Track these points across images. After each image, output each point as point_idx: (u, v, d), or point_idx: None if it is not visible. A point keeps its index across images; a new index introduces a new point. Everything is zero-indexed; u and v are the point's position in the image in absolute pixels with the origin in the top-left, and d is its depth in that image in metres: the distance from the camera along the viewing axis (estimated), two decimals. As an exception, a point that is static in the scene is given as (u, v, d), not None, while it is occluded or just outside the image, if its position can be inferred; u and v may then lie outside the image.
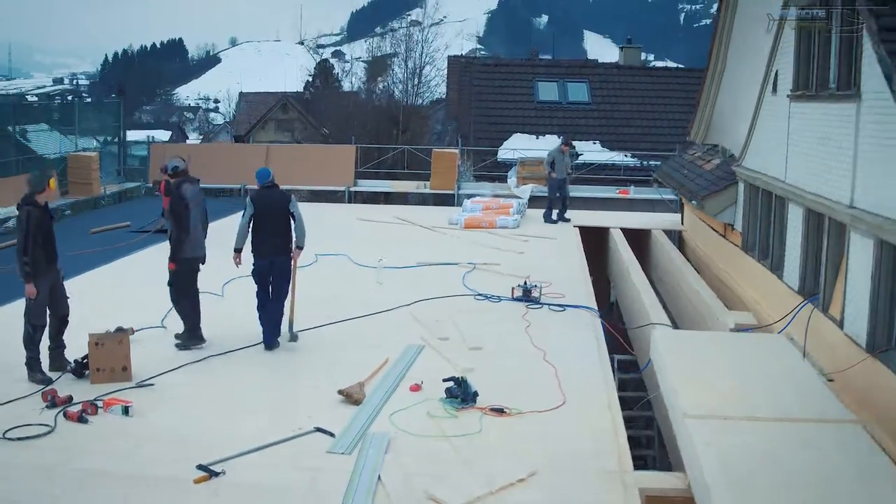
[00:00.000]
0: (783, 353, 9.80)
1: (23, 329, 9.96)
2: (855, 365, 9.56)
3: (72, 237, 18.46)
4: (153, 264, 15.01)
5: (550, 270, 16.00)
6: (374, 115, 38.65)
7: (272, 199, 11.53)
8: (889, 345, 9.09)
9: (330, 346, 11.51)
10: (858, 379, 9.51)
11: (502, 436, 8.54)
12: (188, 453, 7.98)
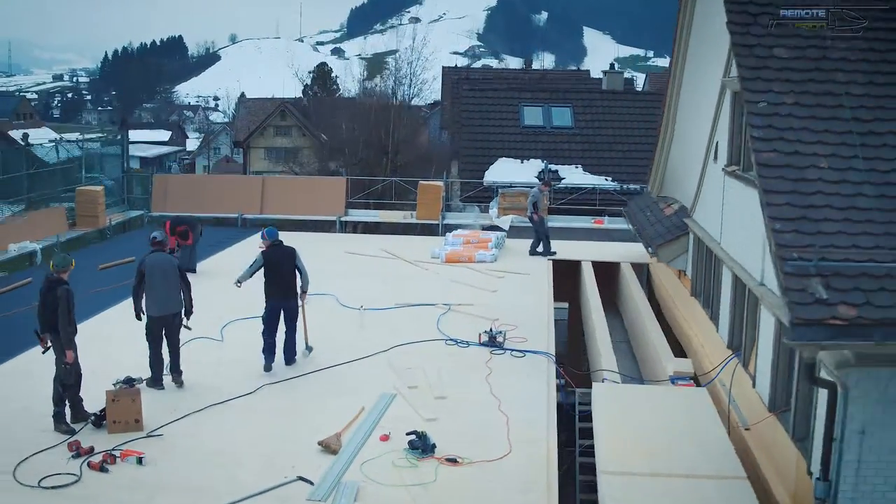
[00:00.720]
0: (701, 409, 11.45)
1: (52, 388, 11.61)
2: (761, 421, 11.26)
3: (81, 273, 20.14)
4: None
5: (518, 311, 17.68)
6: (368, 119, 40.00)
7: (281, 255, 14.08)
8: (787, 406, 10.73)
9: (315, 392, 13.18)
10: (766, 433, 11.21)
11: (454, 483, 10.22)
12: (194, 499, 9.67)
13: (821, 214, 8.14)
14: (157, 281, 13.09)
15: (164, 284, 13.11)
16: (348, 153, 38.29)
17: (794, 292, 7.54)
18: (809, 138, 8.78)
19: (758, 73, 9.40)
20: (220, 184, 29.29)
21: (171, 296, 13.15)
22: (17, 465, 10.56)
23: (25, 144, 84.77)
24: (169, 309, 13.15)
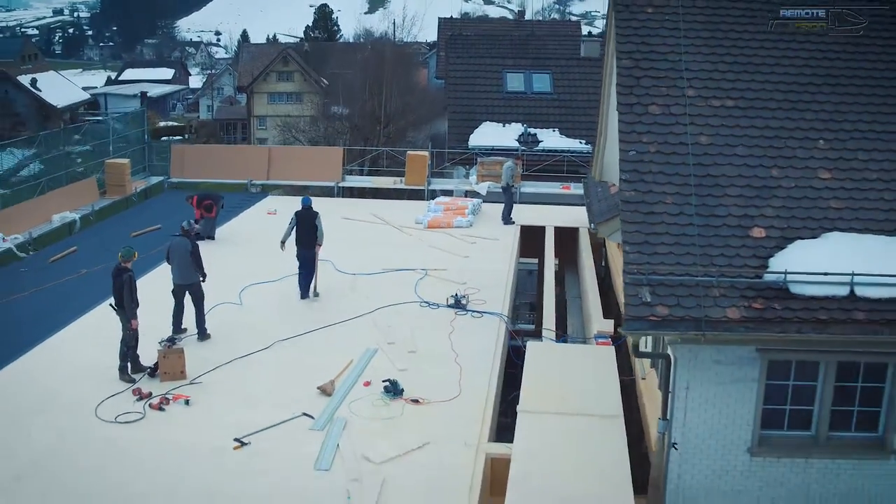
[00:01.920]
0: (605, 364, 15.13)
1: (120, 347, 15.38)
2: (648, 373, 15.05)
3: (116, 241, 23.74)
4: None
5: (483, 275, 21.37)
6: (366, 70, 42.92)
7: (307, 216, 19.63)
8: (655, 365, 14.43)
9: (314, 348, 16.95)
10: (651, 383, 15.00)
11: (416, 417, 14.05)
12: (228, 431, 13.50)
13: (659, 240, 11.66)
14: (175, 259, 17.19)
15: (180, 263, 17.14)
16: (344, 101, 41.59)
17: (629, 296, 11.14)
18: (661, 180, 12.24)
19: (633, 128, 12.84)
20: (231, 153, 32.85)
21: (184, 271, 17.11)
22: (96, 406, 14.41)
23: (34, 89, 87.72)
24: (184, 280, 17.11)
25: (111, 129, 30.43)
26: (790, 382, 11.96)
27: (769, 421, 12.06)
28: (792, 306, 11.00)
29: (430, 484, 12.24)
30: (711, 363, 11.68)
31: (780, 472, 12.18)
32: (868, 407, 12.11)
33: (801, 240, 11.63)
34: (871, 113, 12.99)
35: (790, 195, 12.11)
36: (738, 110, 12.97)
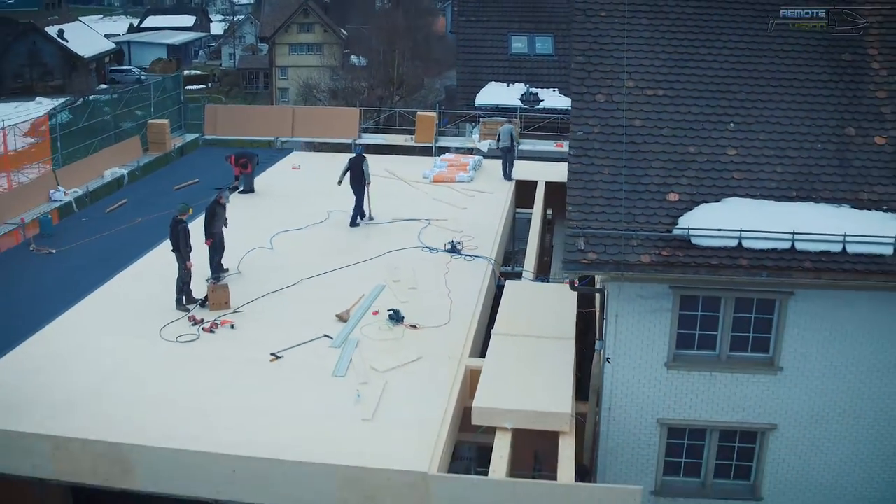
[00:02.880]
0: (568, 300, 18.67)
1: (176, 283, 19.12)
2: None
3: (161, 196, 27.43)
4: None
5: (477, 225, 24.91)
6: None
7: (357, 161, 24.49)
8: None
9: (334, 284, 20.62)
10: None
11: (413, 339, 17.75)
12: (265, 347, 17.26)
13: (595, 202, 15.07)
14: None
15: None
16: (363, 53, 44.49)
17: (568, 245, 14.65)
18: (601, 155, 15.60)
19: (581, 112, 16.16)
20: (259, 113, 36.33)
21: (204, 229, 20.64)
22: (160, 329, 18.20)
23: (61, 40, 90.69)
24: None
25: (151, 92, 33.91)
26: (698, 313, 15.54)
27: (682, 342, 15.67)
28: (692, 254, 14.53)
29: (422, 387, 16.01)
30: (636, 297, 15.27)
31: (690, 383, 15.82)
32: (760, 333, 15.67)
33: (707, 203, 15.11)
34: (774, 102, 16.31)
35: (701, 167, 15.55)
36: (667, 98, 16.35)
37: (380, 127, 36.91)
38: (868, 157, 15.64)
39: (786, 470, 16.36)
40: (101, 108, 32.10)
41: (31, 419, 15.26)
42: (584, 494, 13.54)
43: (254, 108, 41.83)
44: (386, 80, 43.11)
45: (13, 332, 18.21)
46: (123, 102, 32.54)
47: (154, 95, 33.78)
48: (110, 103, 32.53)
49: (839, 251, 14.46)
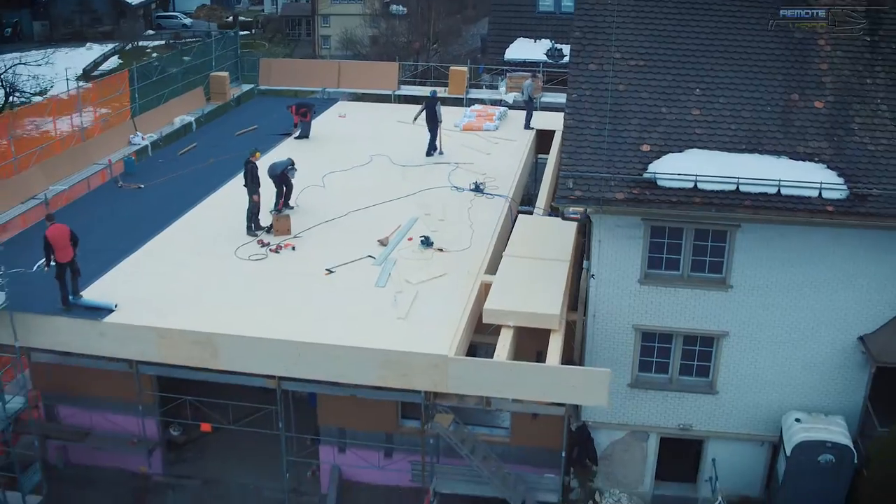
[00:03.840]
0: (568, 230, 22.69)
1: (246, 213, 23.43)
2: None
3: (226, 140, 31.71)
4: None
5: (499, 168, 28.92)
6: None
7: (431, 103, 28.98)
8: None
9: (377, 215, 24.84)
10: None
11: (439, 260, 21.98)
12: (320, 264, 21.61)
13: (583, 151, 18.92)
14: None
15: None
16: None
17: (560, 184, 18.64)
18: (591, 114, 19.43)
19: (576, 78, 19.93)
20: (308, 66, 40.44)
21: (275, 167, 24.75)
22: (235, 250, 22.57)
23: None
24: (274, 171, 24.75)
25: (213, 47, 38.03)
26: (665, 240, 19.52)
27: (652, 263, 19.69)
28: (656, 193, 18.48)
29: (445, 295, 20.31)
30: (614, 226, 19.32)
31: (658, 297, 19.88)
32: (715, 258, 19.63)
33: (672, 153, 19.02)
34: (734, 71, 20.03)
35: (670, 124, 19.43)
36: (646, 68, 20.17)
37: (416, 79, 40.76)
38: (807, 118, 19.41)
39: (736, 369, 20.43)
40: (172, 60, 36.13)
41: (140, 316, 19.74)
42: (565, 374, 17.80)
43: (303, 61, 45.82)
44: (423, 35, 46.77)
45: (116, 252, 22.66)
46: (190, 57, 36.61)
47: (215, 50, 37.86)
48: (177, 58, 36.57)
49: (774, 193, 18.34)
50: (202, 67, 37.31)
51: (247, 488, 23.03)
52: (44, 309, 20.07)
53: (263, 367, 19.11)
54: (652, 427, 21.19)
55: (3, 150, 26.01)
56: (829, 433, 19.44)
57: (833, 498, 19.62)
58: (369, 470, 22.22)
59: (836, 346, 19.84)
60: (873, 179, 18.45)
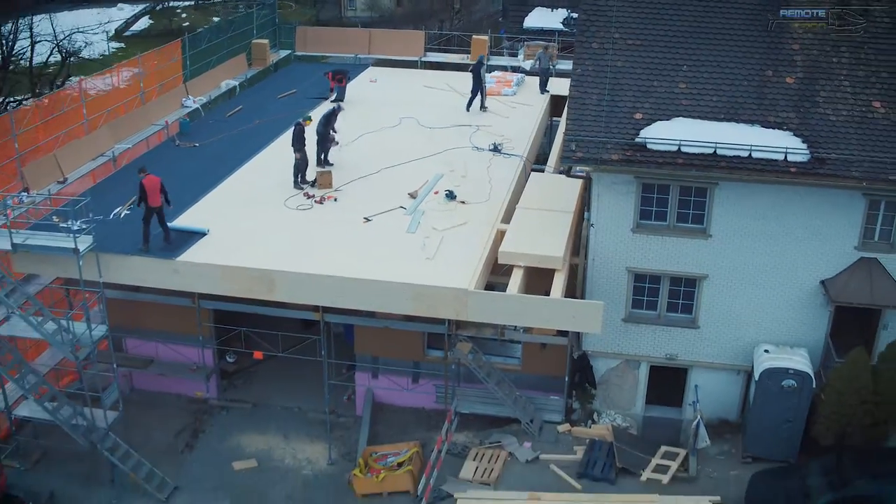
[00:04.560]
0: (574, 186, 26.04)
1: (293, 169, 26.89)
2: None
3: (266, 101, 35.09)
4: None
5: (515, 130, 32.20)
6: None
7: (477, 67, 33.46)
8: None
9: (407, 171, 28.24)
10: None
11: (461, 210, 25.43)
12: (360, 213, 25.14)
13: (585, 118, 22.17)
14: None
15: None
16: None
17: (564, 146, 21.92)
18: (593, 86, 22.63)
19: (581, 56, 23.18)
20: (341, 33, 43.66)
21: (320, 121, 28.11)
22: (284, 201, 26.08)
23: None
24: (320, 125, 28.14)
25: (254, 16, 41.33)
26: (654, 195, 22.84)
27: (643, 215, 23.03)
28: (646, 155, 21.77)
29: (466, 240, 23.79)
30: (611, 183, 22.66)
31: (648, 244, 23.23)
32: (697, 211, 22.94)
33: (661, 121, 22.28)
34: (717, 50, 23.17)
35: (660, 96, 22.66)
36: (641, 47, 23.36)
37: (440, 47, 43.93)
38: (779, 92, 22.58)
39: (715, 307, 23.80)
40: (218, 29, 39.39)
41: (206, 255, 23.29)
42: (565, 305, 21.29)
43: (336, 29, 48.89)
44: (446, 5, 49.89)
45: (180, 204, 26.02)
46: (233, 26, 39.85)
47: (256, 19, 41.14)
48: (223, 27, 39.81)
49: (747, 156, 21.59)
50: (244, 35, 40.53)
51: (291, 410, 26.74)
52: (122, 250, 23.59)
53: (312, 298, 22.69)
54: (643, 356, 24.66)
55: (77, 112, 29.35)
56: (791, 362, 22.84)
57: (795, 417, 23.02)
58: (399, 393, 25.89)
59: (801, 288, 23.15)
60: (832, 146, 21.65)
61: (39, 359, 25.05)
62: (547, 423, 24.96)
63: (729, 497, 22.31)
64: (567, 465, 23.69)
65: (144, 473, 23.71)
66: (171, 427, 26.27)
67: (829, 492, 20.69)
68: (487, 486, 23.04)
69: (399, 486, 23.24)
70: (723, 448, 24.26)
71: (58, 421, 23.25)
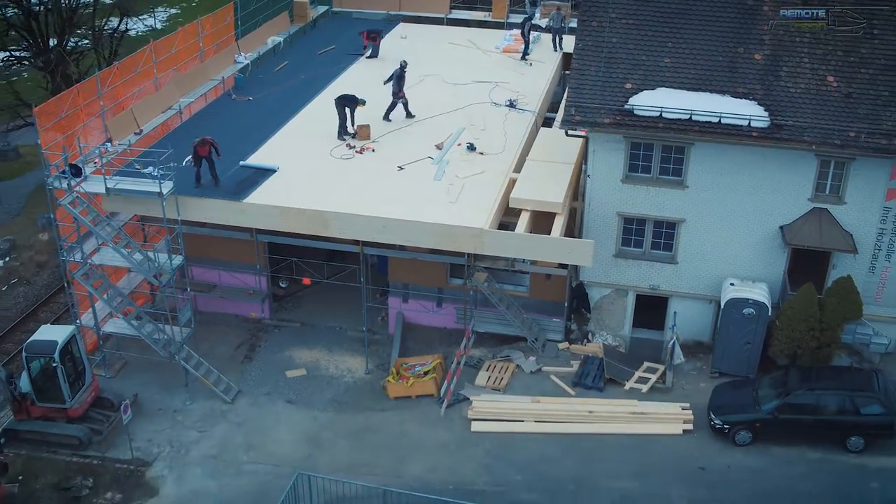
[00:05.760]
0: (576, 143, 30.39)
1: (338, 124, 31.48)
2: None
3: (310, 58, 39.46)
4: (359, 77, 36.06)
5: (528, 87, 36.49)
6: None
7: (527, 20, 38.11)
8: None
9: (432, 125, 32.75)
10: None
11: (480, 161, 30.02)
12: (394, 162, 29.86)
13: (584, 86, 26.46)
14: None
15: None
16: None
17: (566, 111, 26.51)
18: (591, 59, 26.78)
19: (582, 33, 27.37)
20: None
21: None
22: (329, 151, 30.74)
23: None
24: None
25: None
26: (640, 152, 27.29)
27: (631, 168, 27.49)
28: (632, 120, 26.16)
29: (484, 186, 28.45)
30: (604, 142, 27.14)
31: (635, 192, 27.74)
32: (677, 166, 27.38)
33: (646, 90, 26.63)
34: (698, 30, 27.34)
35: (647, 69, 26.94)
36: (633, 25, 27.53)
37: (465, 4, 47.98)
38: (748, 67, 26.80)
39: (691, 246, 28.34)
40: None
41: (265, 197, 28.02)
42: (563, 242, 26.00)
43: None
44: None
45: (238, 152, 30.64)
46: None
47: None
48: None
49: (717, 122, 25.95)
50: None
51: (333, 329, 31.68)
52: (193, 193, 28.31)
53: (356, 234, 27.40)
54: (630, 286, 29.38)
55: (148, 72, 33.86)
56: (751, 293, 27.47)
57: (754, 340, 27.67)
58: (425, 314, 30.79)
59: (763, 232, 27.66)
60: (790, 114, 25.96)
61: (118, 284, 29.80)
62: (549, 341, 29.80)
63: (696, 405, 27.06)
64: (564, 375, 28.54)
65: (213, 379, 28.61)
66: (232, 342, 31.20)
67: (774, 399, 25.49)
68: (498, 391, 27.94)
69: (425, 391, 28.14)
70: (696, 365, 29.03)
71: (142, 335, 28.11)
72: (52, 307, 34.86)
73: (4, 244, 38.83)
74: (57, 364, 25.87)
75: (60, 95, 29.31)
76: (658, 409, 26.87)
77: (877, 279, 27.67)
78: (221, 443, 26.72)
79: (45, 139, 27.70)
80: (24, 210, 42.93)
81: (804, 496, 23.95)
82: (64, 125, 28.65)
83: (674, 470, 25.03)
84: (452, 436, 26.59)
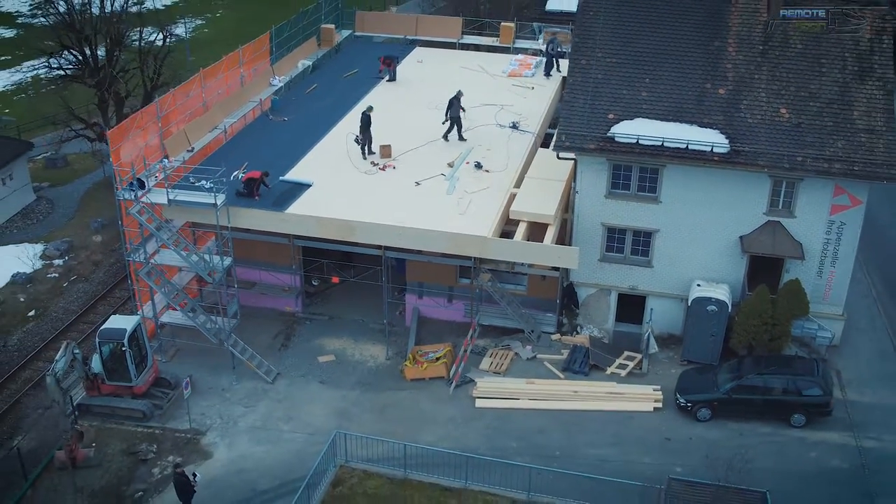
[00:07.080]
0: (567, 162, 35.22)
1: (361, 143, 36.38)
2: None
3: (335, 82, 44.36)
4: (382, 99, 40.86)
5: (530, 109, 41.31)
6: None
7: (553, 42, 42.27)
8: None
9: (444, 146, 37.62)
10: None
11: (485, 177, 34.87)
12: (412, 178, 34.67)
13: (573, 116, 31.14)
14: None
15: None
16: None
17: (558, 134, 31.35)
18: (579, 92, 31.37)
19: (573, 69, 32.24)
20: (392, 18, 52.77)
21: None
22: (357, 166, 35.63)
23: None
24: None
25: (323, 5, 50.40)
26: (622, 172, 32.06)
27: (614, 185, 32.27)
28: (614, 146, 30.95)
29: (489, 200, 33.22)
30: (591, 163, 31.96)
31: (617, 206, 32.51)
32: (652, 184, 32.14)
33: (626, 120, 31.42)
34: (671, 67, 32.18)
35: (627, 102, 31.71)
36: (616, 63, 32.25)
37: (475, 31, 52.87)
38: (713, 100, 31.58)
39: (664, 252, 33.08)
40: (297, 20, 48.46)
41: (303, 209, 32.91)
42: (553, 249, 30.84)
43: (389, 14, 57.90)
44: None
45: (278, 167, 35.54)
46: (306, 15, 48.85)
47: (324, 7, 50.22)
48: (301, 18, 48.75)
49: (685, 148, 30.74)
50: (315, 20, 49.62)
51: (358, 322, 36.53)
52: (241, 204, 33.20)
53: (379, 240, 32.24)
54: (613, 286, 34.21)
55: (198, 95, 38.82)
56: (714, 293, 32.21)
57: (717, 333, 32.34)
58: (437, 309, 35.68)
59: (725, 241, 32.41)
60: (747, 141, 30.71)
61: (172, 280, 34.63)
62: (543, 332, 34.64)
63: (667, 387, 31.79)
64: (555, 362, 33.38)
65: (256, 363, 33.44)
66: (270, 332, 36.02)
67: (729, 382, 30.25)
68: (498, 374, 32.83)
69: (437, 374, 32.98)
70: (668, 354, 33.79)
71: (197, 325, 32.96)
72: (109, 301, 39.87)
73: (63, 245, 43.85)
74: (126, 348, 30.68)
75: (129, 118, 34.28)
76: (633, 390, 31.66)
77: (824, 282, 32.37)
78: (264, 416, 31.56)
79: (116, 157, 32.61)
80: (77, 214, 47.89)
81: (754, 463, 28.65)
82: (129, 144, 33.58)
83: (645, 440, 29.77)
84: (459, 411, 31.44)
